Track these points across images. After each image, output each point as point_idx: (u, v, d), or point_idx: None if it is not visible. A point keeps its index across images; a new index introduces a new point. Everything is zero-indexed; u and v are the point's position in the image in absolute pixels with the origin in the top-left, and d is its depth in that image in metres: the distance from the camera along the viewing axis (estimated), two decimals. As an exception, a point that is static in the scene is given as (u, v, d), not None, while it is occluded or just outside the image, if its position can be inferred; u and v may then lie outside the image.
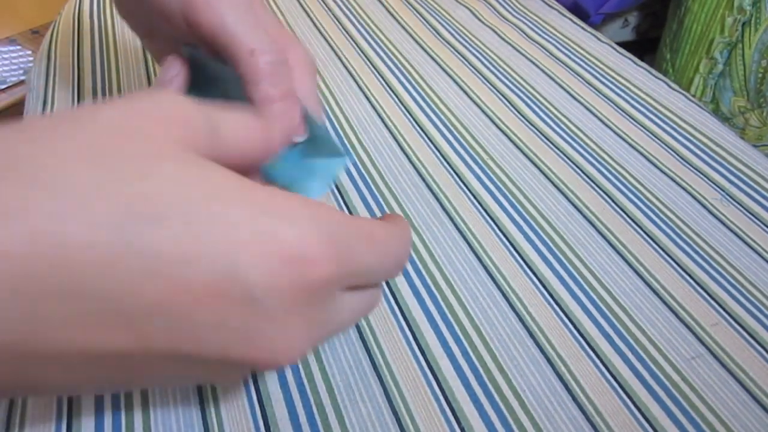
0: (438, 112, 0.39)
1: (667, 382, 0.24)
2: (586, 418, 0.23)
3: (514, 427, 0.23)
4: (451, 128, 0.38)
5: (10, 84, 0.78)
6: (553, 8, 0.52)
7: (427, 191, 0.33)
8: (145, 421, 0.23)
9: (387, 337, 0.25)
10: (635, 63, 0.44)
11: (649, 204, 0.32)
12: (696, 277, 0.28)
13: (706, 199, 0.32)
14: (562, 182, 0.34)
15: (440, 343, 0.25)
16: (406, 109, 0.40)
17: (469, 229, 0.31)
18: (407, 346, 0.25)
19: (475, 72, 0.44)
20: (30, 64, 0.79)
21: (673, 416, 0.23)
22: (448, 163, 0.35)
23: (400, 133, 0.38)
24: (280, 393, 0.23)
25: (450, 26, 0.50)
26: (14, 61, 0.82)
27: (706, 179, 0.34)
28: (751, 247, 0.30)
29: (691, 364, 0.24)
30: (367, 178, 0.34)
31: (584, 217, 0.31)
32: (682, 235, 0.30)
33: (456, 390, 0.24)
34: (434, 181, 0.34)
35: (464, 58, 0.45)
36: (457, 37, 0.48)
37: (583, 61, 0.44)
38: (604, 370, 0.24)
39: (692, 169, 0.35)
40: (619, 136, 0.37)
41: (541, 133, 0.37)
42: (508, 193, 0.33)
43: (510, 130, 0.38)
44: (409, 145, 0.36)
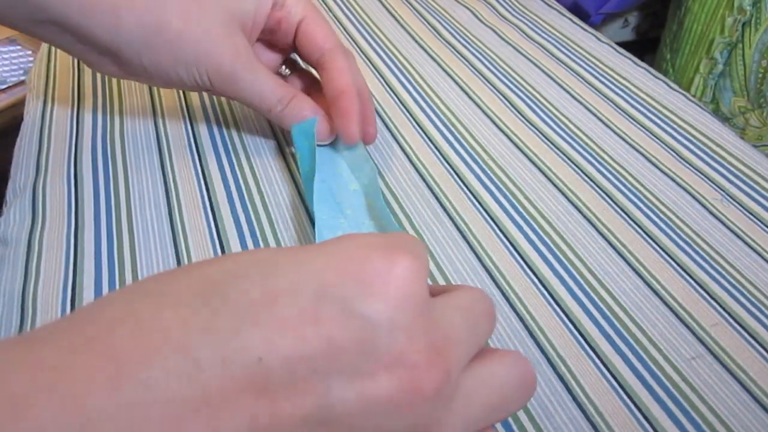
0: (438, 112, 0.39)
1: (667, 383, 0.24)
2: (587, 418, 0.23)
3: (514, 427, 0.23)
4: (452, 128, 0.38)
5: (10, 84, 0.78)
6: (553, 8, 0.52)
7: (427, 191, 0.33)
8: None
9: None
10: (635, 63, 0.44)
11: (649, 204, 0.32)
12: (696, 277, 0.28)
13: (706, 199, 0.32)
14: (562, 182, 0.34)
15: (440, 343, 0.25)
16: (406, 109, 0.40)
17: (469, 229, 0.31)
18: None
19: (475, 72, 0.44)
20: (30, 64, 0.79)
21: (674, 416, 0.23)
22: (448, 163, 0.35)
23: (400, 133, 0.38)
24: None
25: (450, 26, 0.50)
26: (14, 61, 0.82)
27: (706, 179, 0.34)
28: (751, 248, 0.30)
29: (692, 364, 0.24)
30: (367, 178, 0.34)
31: (584, 217, 0.31)
32: (682, 235, 0.30)
33: (456, 390, 0.24)
34: (434, 181, 0.34)
35: (464, 58, 0.45)
36: (457, 37, 0.48)
37: (583, 61, 0.44)
38: (604, 370, 0.24)
39: (692, 169, 0.35)
40: (619, 136, 0.37)
41: (541, 133, 0.37)
42: (508, 193, 0.33)
43: (510, 130, 0.38)
44: (409, 145, 0.36)
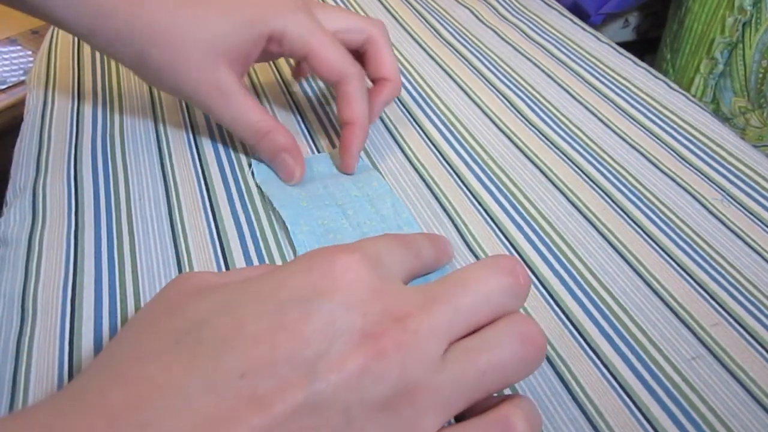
0: (438, 112, 0.39)
1: (667, 383, 0.24)
2: (587, 419, 0.23)
3: (514, 427, 0.22)
4: (452, 128, 0.38)
5: (10, 84, 0.78)
6: (553, 8, 0.52)
7: (427, 191, 0.33)
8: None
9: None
10: (635, 63, 0.44)
11: (649, 204, 0.32)
12: (696, 277, 0.28)
13: (707, 199, 0.32)
14: (562, 182, 0.34)
15: (440, 343, 0.25)
16: (405, 109, 0.40)
17: (469, 230, 0.31)
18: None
19: (475, 72, 0.44)
20: (30, 64, 0.79)
21: (674, 416, 0.23)
22: (448, 163, 0.35)
23: (399, 134, 0.37)
24: None
25: (450, 26, 0.50)
26: (14, 61, 0.82)
27: (706, 179, 0.34)
28: (751, 248, 0.30)
29: (692, 364, 0.24)
30: (367, 178, 0.34)
31: (584, 217, 0.31)
32: (682, 235, 0.30)
33: (456, 390, 0.24)
34: (434, 181, 0.34)
35: (464, 58, 0.45)
36: (457, 37, 0.48)
37: (583, 61, 0.44)
38: (604, 370, 0.24)
39: (692, 169, 0.35)
40: (619, 136, 0.37)
41: (541, 133, 0.37)
42: (508, 193, 0.33)
43: (510, 130, 0.38)
44: (408, 146, 0.36)
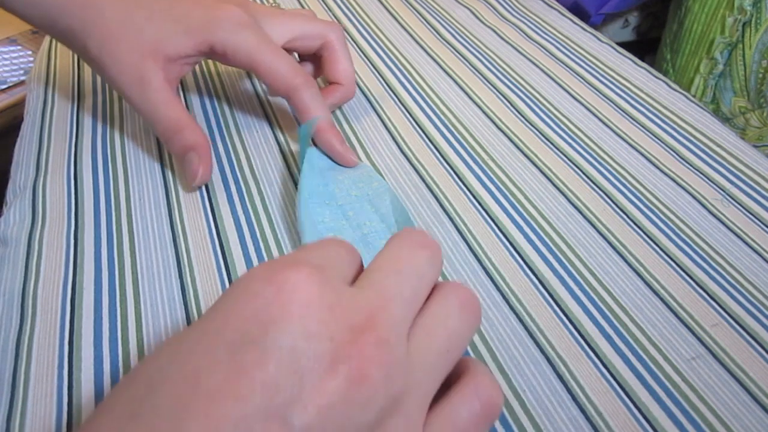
0: (438, 112, 0.39)
1: (667, 383, 0.24)
2: (587, 418, 0.23)
3: (514, 427, 0.22)
4: (451, 128, 0.38)
5: (10, 84, 0.78)
6: (553, 8, 0.52)
7: (427, 191, 0.33)
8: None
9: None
10: (635, 63, 0.44)
11: (649, 204, 0.32)
12: (696, 278, 0.28)
13: (707, 200, 0.32)
14: (562, 182, 0.34)
15: (440, 343, 0.25)
16: (405, 109, 0.40)
17: (469, 230, 0.31)
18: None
19: (475, 72, 0.44)
20: (30, 64, 0.79)
21: (674, 417, 0.23)
22: (448, 163, 0.35)
23: (399, 134, 0.38)
24: None
25: (450, 26, 0.50)
26: (14, 61, 0.82)
27: (706, 179, 0.34)
28: (751, 248, 0.30)
29: (692, 364, 0.24)
30: (367, 178, 0.34)
31: (584, 217, 0.31)
32: (682, 235, 0.30)
33: (456, 390, 0.24)
34: (434, 181, 0.34)
35: (464, 58, 0.45)
36: (457, 37, 0.48)
37: (583, 61, 0.44)
38: (604, 370, 0.24)
39: (692, 169, 0.35)
40: (619, 136, 0.37)
41: (541, 133, 0.37)
42: (508, 193, 0.33)
43: (510, 130, 0.38)
44: (408, 146, 0.36)
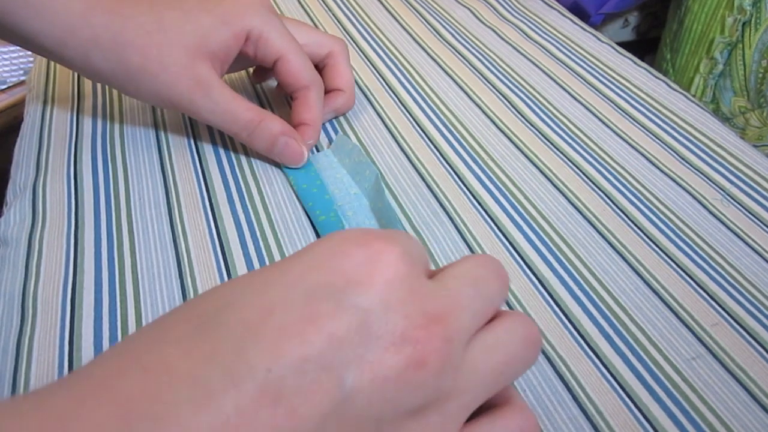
0: (438, 112, 0.39)
1: (667, 383, 0.24)
2: (587, 418, 0.23)
3: (514, 427, 0.23)
4: (451, 128, 0.38)
5: (10, 84, 0.78)
6: (553, 8, 0.52)
7: (427, 191, 0.33)
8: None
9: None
10: (635, 63, 0.44)
11: (649, 204, 0.32)
12: (696, 277, 0.28)
13: (707, 200, 0.32)
14: (562, 182, 0.34)
15: (440, 343, 0.25)
16: (406, 109, 0.40)
17: (469, 230, 0.31)
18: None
19: (475, 72, 0.44)
20: (30, 64, 0.79)
21: (674, 416, 0.23)
22: (448, 163, 0.35)
23: (399, 133, 0.38)
24: None
25: (450, 26, 0.50)
26: (14, 61, 0.82)
27: (706, 179, 0.34)
28: (751, 248, 0.30)
29: (692, 364, 0.24)
30: (367, 178, 0.34)
31: (584, 217, 0.31)
32: (682, 235, 0.30)
33: (456, 390, 0.24)
34: (434, 181, 0.34)
35: (464, 58, 0.45)
36: (457, 37, 0.48)
37: (583, 61, 0.44)
38: (604, 370, 0.24)
39: (692, 169, 0.35)
40: (619, 136, 0.37)
41: (541, 133, 0.37)
42: (508, 193, 0.33)
43: (510, 131, 0.38)
44: (408, 146, 0.36)
